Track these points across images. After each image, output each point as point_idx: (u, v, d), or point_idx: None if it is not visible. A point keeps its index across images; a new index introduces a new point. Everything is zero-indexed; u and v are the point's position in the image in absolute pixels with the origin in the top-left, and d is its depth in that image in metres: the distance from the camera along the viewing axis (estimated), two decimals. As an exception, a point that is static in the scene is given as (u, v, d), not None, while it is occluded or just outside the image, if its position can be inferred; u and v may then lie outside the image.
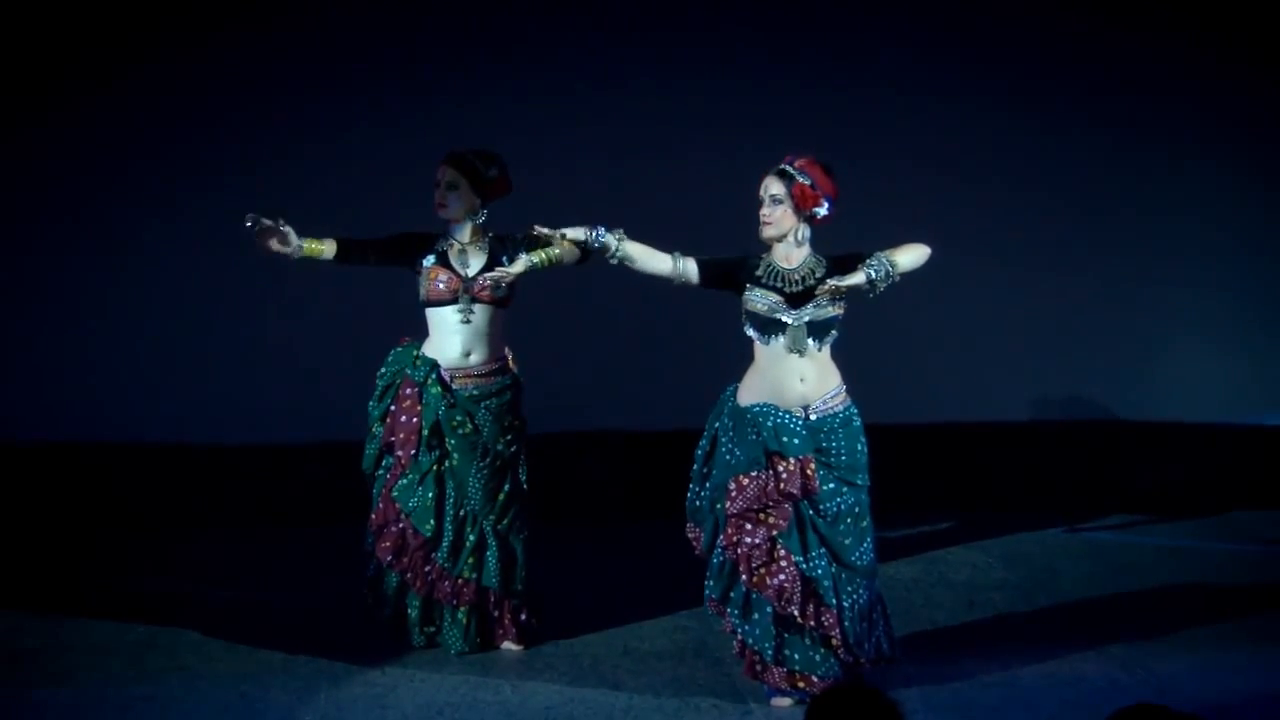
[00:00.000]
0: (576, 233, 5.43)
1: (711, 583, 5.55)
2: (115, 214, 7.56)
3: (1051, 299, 7.95)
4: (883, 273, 5.38)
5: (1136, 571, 7.00)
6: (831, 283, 5.35)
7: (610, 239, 5.42)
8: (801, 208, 5.43)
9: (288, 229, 5.65)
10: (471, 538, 5.92)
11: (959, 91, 7.77)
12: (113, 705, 5.55)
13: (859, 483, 5.47)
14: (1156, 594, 6.70)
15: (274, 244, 5.68)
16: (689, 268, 5.45)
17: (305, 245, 5.71)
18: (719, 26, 7.73)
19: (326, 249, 5.77)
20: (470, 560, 5.92)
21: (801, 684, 5.47)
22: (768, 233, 5.45)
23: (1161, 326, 8.03)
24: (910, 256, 5.45)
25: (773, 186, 5.43)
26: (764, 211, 5.44)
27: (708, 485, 5.54)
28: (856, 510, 5.47)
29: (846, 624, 5.42)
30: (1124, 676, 5.76)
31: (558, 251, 5.82)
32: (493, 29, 7.64)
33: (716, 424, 5.55)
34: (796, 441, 5.38)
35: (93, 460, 7.62)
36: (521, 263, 5.79)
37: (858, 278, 5.35)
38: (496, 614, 6.03)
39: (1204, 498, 7.91)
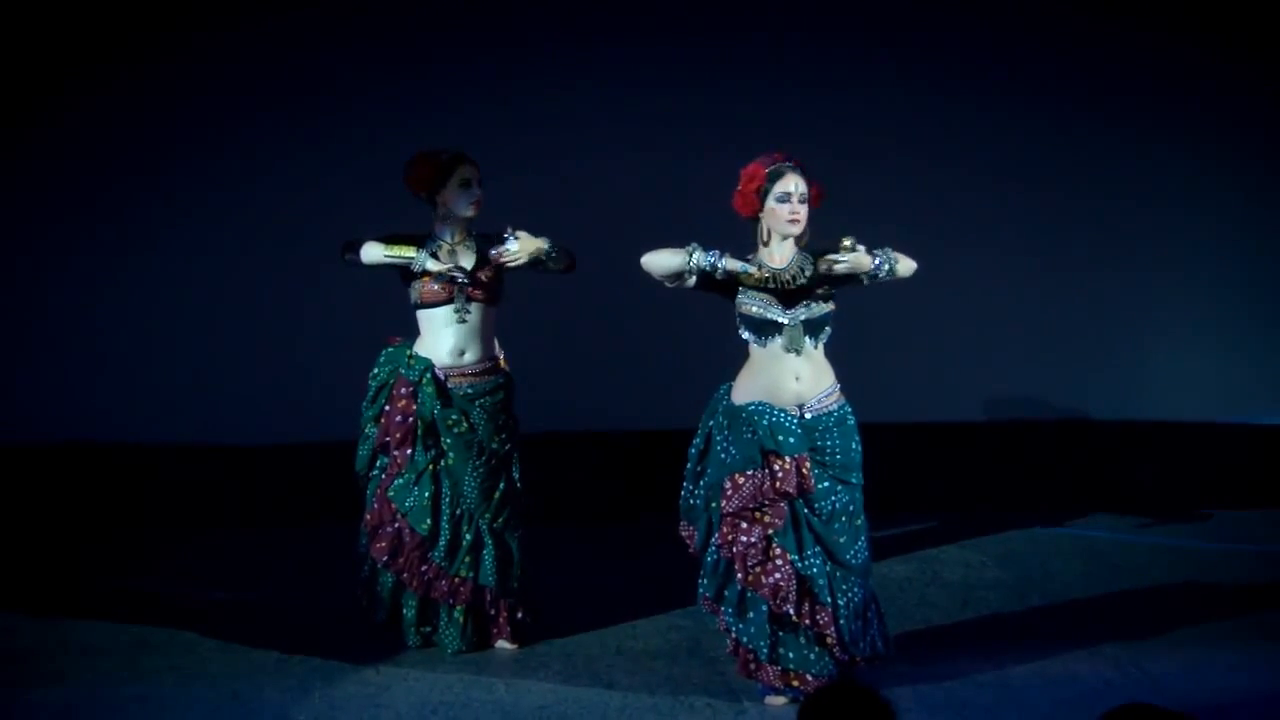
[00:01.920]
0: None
1: (705, 581, 5.55)
2: (114, 215, 7.55)
3: (1045, 297, 7.94)
4: (886, 269, 5.40)
5: (1130, 571, 7.00)
6: (851, 256, 5.32)
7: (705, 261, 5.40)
8: (813, 206, 5.46)
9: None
10: (468, 536, 5.92)
11: (951, 89, 7.76)
12: (106, 705, 5.54)
13: (853, 481, 5.47)
14: (1150, 593, 6.70)
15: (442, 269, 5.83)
16: (696, 273, 5.42)
17: (402, 259, 5.84)
18: (714, 25, 7.72)
19: (383, 260, 5.86)
20: (467, 559, 5.91)
21: (796, 682, 5.47)
22: (795, 230, 5.41)
23: (1156, 325, 8.02)
24: (906, 266, 5.48)
25: (801, 185, 5.41)
26: (796, 208, 5.40)
27: (702, 484, 5.53)
28: (851, 509, 5.47)
29: (841, 622, 5.42)
30: (1117, 676, 5.76)
31: (554, 253, 5.85)
32: (489, 29, 7.64)
33: (710, 422, 5.54)
34: (792, 440, 5.38)
35: (87, 460, 7.61)
36: (526, 242, 5.80)
37: (868, 262, 5.36)
38: (492, 613, 6.02)
39: (1198, 497, 7.91)
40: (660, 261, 5.42)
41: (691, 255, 5.37)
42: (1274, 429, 8.02)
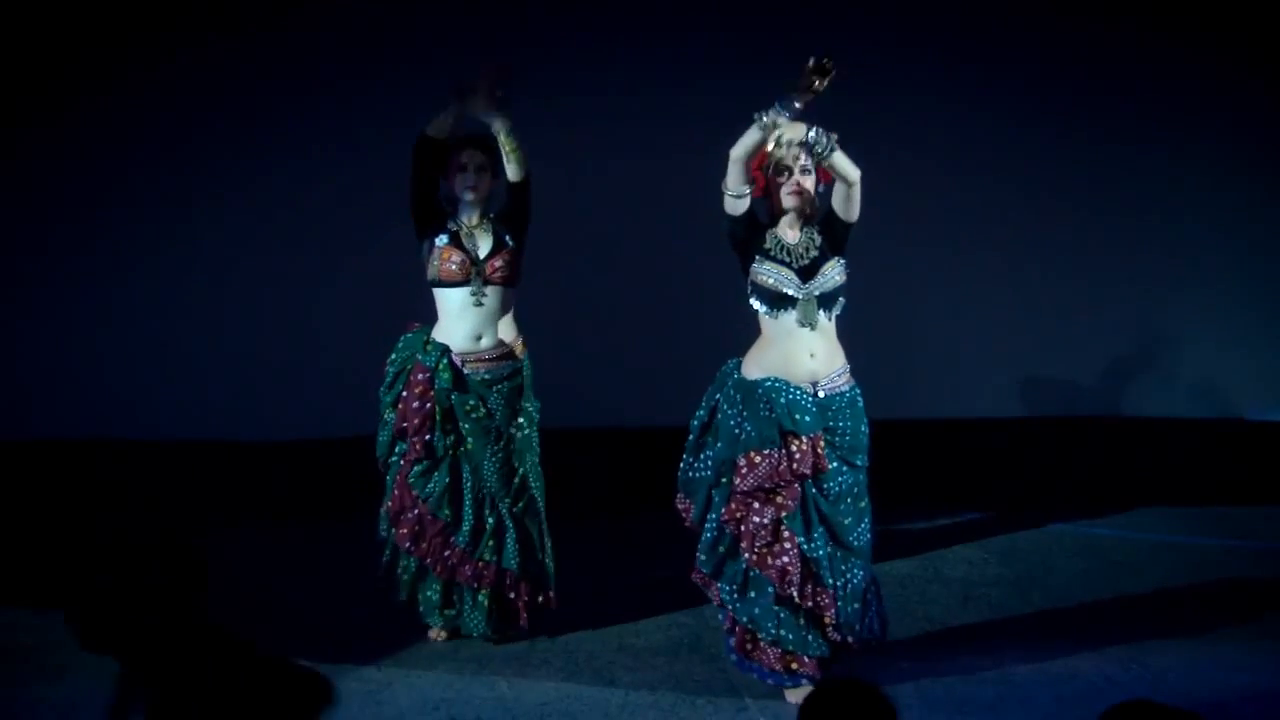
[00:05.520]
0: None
1: (703, 556, 5.52)
2: (114, 213, 7.56)
3: (1049, 294, 7.94)
4: (824, 143, 5.32)
5: (1132, 567, 7.00)
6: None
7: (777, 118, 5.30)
8: (822, 181, 5.47)
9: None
10: (490, 521, 5.92)
11: (963, 87, 7.76)
12: (108, 701, 5.54)
13: (859, 463, 5.46)
14: (1152, 590, 6.70)
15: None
16: (749, 198, 5.40)
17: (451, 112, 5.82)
18: (720, 24, 7.72)
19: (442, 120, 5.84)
20: (490, 543, 5.92)
21: (794, 665, 5.46)
22: (797, 202, 5.42)
23: (1158, 322, 8.02)
24: (844, 162, 5.37)
25: (803, 157, 5.42)
26: (798, 180, 5.41)
27: (705, 456, 5.49)
28: (856, 490, 5.46)
29: (840, 604, 5.41)
30: (1119, 672, 5.76)
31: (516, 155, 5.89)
32: (497, 25, 7.64)
33: (718, 395, 5.49)
34: (808, 419, 5.34)
35: (87, 456, 7.61)
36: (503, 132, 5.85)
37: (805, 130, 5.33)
38: (512, 596, 6.01)
39: (1200, 493, 7.91)
40: (741, 143, 5.36)
41: (762, 120, 5.29)
42: (1275, 425, 8.02)
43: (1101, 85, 7.87)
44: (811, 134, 5.35)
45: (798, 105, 5.28)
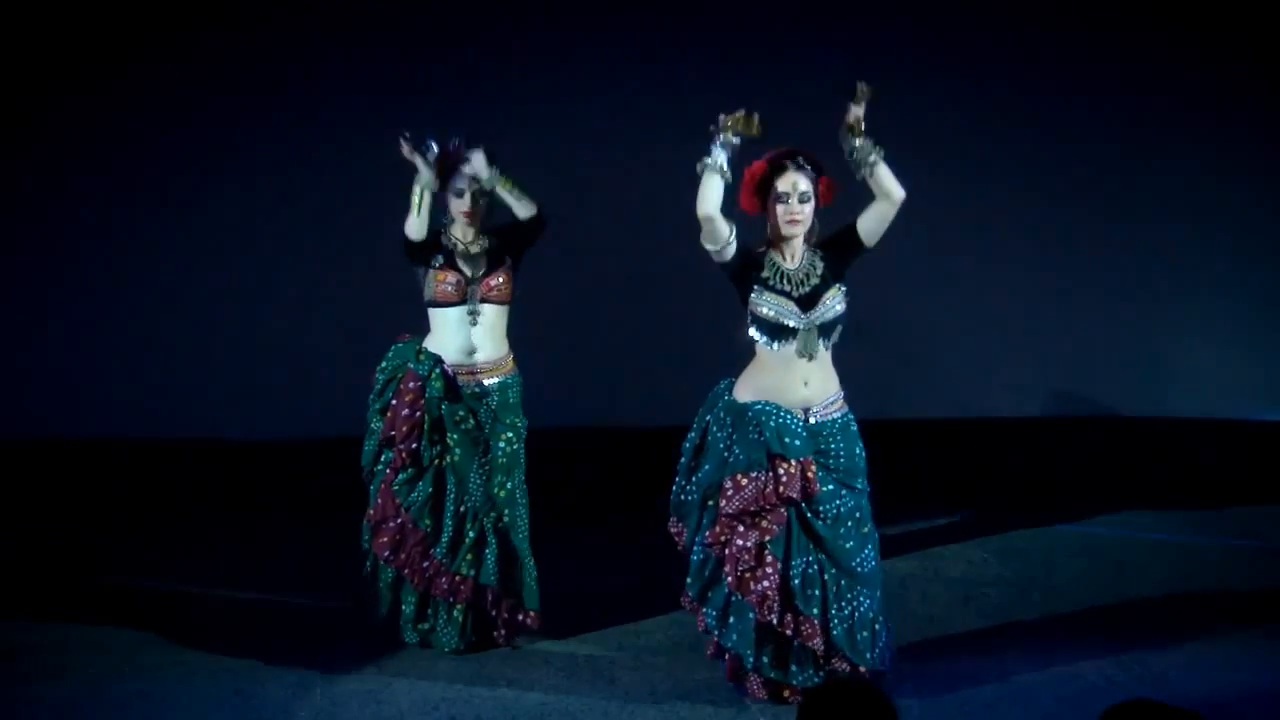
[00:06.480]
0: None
1: (690, 580, 5.48)
2: (115, 216, 7.59)
3: (1049, 295, 7.95)
4: (868, 152, 5.22)
5: (1133, 567, 7.00)
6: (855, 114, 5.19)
7: (722, 157, 5.19)
8: (823, 204, 5.36)
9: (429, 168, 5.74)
10: (471, 534, 5.91)
11: (966, 93, 7.77)
12: (108, 701, 5.55)
13: (858, 486, 5.39)
14: (1152, 590, 6.69)
15: (418, 161, 5.74)
16: (735, 242, 5.27)
17: (425, 194, 5.75)
18: (722, 25, 7.73)
19: (421, 218, 5.79)
20: (469, 557, 5.90)
21: (786, 692, 5.41)
22: (795, 230, 5.31)
23: (1158, 322, 8.03)
24: (887, 176, 5.25)
25: (802, 183, 5.29)
26: (795, 208, 5.29)
27: (695, 479, 5.44)
28: (857, 515, 5.38)
29: (835, 633, 5.31)
30: (1120, 672, 5.76)
31: (518, 195, 5.86)
32: (497, 28, 7.65)
33: (709, 417, 5.43)
34: (798, 443, 5.28)
35: (88, 456, 7.62)
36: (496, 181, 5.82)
37: (860, 131, 5.21)
38: (494, 613, 6.01)
39: (1201, 493, 7.91)
40: (703, 199, 5.20)
41: (707, 163, 5.19)
42: (1276, 425, 8.02)
43: (1102, 88, 7.87)
44: (858, 141, 5.21)
45: (734, 141, 5.19)
